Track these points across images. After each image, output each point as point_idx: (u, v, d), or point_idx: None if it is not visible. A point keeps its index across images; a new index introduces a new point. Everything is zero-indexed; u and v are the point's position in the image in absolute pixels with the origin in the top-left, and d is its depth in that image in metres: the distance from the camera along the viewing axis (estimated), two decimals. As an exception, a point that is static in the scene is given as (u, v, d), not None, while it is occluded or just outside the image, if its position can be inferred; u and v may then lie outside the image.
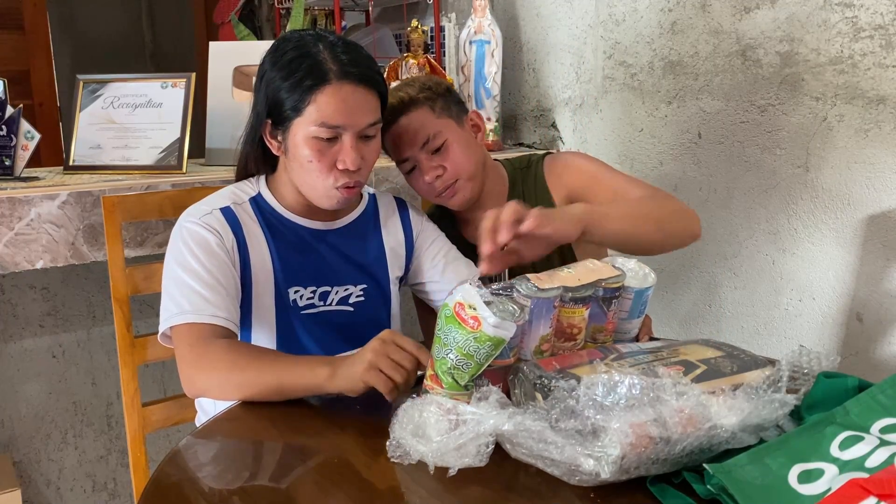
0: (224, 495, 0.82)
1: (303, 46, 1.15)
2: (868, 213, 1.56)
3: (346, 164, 1.14)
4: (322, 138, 1.13)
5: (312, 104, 1.12)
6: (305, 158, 1.14)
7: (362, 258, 1.29)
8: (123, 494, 1.88)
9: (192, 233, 1.16)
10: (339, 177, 1.16)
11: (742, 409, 0.78)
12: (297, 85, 1.12)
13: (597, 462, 0.73)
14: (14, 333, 1.71)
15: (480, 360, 0.87)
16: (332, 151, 1.14)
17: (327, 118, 1.12)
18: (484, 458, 0.80)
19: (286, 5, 2.97)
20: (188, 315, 1.10)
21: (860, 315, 1.60)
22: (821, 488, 0.71)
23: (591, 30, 2.08)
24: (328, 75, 1.12)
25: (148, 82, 1.73)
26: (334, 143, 1.14)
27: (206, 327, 1.09)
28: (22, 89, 3.54)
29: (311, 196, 1.20)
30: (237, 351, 1.07)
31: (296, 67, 1.13)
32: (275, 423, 0.99)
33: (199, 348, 1.07)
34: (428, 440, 0.82)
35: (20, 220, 1.42)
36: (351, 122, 1.13)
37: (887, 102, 1.50)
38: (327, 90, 1.12)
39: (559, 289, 0.95)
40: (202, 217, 1.17)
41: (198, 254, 1.14)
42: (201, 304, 1.10)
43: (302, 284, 1.22)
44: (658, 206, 1.28)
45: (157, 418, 1.40)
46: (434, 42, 2.51)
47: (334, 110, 1.12)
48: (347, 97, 1.12)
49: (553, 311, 0.95)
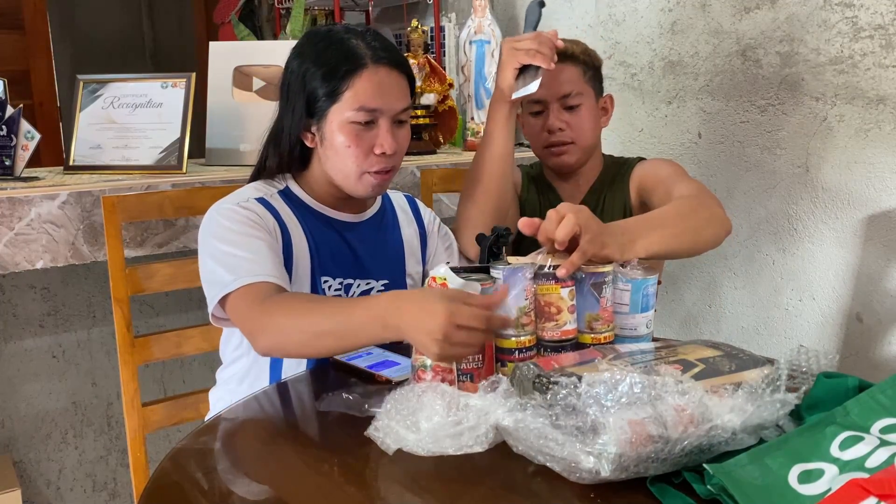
0: (224, 495, 0.82)
1: (333, 37, 1.17)
2: (868, 213, 1.56)
3: (383, 148, 1.16)
4: (359, 123, 1.15)
5: (349, 89, 1.14)
6: (343, 144, 1.15)
7: (385, 252, 1.30)
8: (123, 494, 1.88)
9: (232, 212, 1.14)
10: (375, 162, 1.17)
11: (744, 410, 0.78)
12: (333, 72, 1.14)
13: (596, 459, 0.73)
14: (14, 333, 1.71)
15: None
16: (368, 136, 1.16)
17: (365, 101, 1.14)
18: (483, 445, 0.80)
19: (286, 5, 2.97)
20: (242, 279, 1.06)
21: (860, 315, 1.60)
22: (821, 488, 0.71)
23: (591, 30, 2.08)
24: (364, 59, 1.14)
25: (148, 82, 1.73)
26: (371, 128, 1.16)
27: (261, 286, 1.06)
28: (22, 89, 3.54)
29: (345, 184, 1.20)
30: (296, 298, 1.07)
31: (330, 56, 1.15)
32: (275, 423, 0.99)
33: (258, 306, 1.03)
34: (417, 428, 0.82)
35: (20, 220, 1.42)
36: (387, 105, 1.16)
37: (887, 102, 1.50)
38: (364, 74, 1.14)
39: (529, 262, 1.01)
40: (239, 203, 1.16)
41: (239, 229, 1.12)
42: (251, 267, 1.08)
43: (331, 275, 1.23)
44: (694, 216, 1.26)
45: (157, 418, 1.40)
46: (434, 42, 2.51)
47: (372, 94, 1.14)
48: (383, 80, 1.15)
49: (525, 283, 1.00)
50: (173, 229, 1.54)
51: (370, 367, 1.10)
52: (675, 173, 1.42)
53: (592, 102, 1.47)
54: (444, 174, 1.75)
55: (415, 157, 2.00)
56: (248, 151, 1.81)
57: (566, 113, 1.44)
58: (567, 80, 1.43)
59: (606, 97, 1.52)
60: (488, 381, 0.86)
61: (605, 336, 1.04)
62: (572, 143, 1.44)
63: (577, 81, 1.44)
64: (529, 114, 1.47)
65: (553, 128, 1.43)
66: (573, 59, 1.45)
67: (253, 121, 1.81)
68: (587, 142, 1.46)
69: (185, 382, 1.93)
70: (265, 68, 1.82)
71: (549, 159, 1.48)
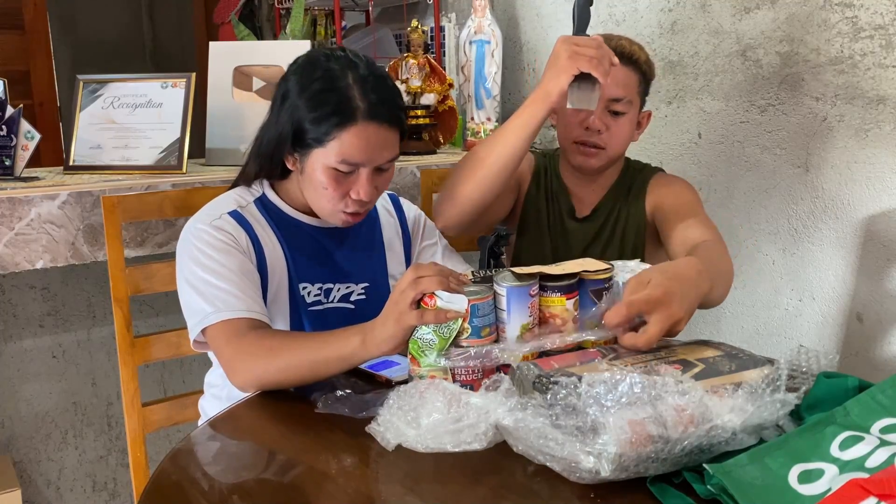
0: (224, 495, 0.82)
1: (331, 77, 1.14)
2: (868, 213, 1.56)
3: (359, 196, 1.16)
4: (340, 171, 1.15)
5: (336, 140, 1.12)
6: (321, 185, 1.16)
7: (364, 254, 1.30)
8: (123, 494, 1.88)
9: (206, 235, 1.16)
10: (350, 204, 1.18)
11: (744, 410, 0.78)
12: (324, 119, 1.12)
13: (596, 459, 0.73)
14: (14, 333, 1.71)
15: (444, 334, 0.94)
16: (347, 182, 1.16)
17: (349, 156, 1.13)
18: (483, 443, 0.80)
19: (286, 5, 2.97)
20: (221, 313, 1.10)
21: (860, 315, 1.60)
22: (821, 488, 0.71)
23: (591, 30, 2.07)
24: (355, 114, 1.12)
25: (148, 82, 1.73)
26: (351, 174, 1.16)
27: (240, 322, 1.09)
28: (22, 89, 3.54)
29: (318, 213, 1.22)
30: (271, 337, 1.08)
31: (323, 101, 1.13)
32: (275, 423, 0.99)
33: (235, 342, 1.07)
34: (418, 424, 0.82)
35: (20, 220, 1.42)
36: (371, 160, 1.15)
37: (887, 102, 1.50)
38: (353, 130, 1.12)
39: (535, 277, 0.98)
40: (212, 221, 1.17)
41: (214, 255, 1.14)
42: (231, 300, 1.11)
43: (310, 281, 1.24)
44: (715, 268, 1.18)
45: (157, 418, 1.40)
46: (434, 42, 2.51)
47: (357, 149, 1.13)
48: (371, 137, 1.13)
49: (530, 300, 0.98)
50: (173, 229, 1.54)
51: (370, 368, 1.10)
52: (692, 207, 1.38)
53: (635, 114, 1.44)
54: (443, 174, 1.75)
55: (415, 157, 2.00)
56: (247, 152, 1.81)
57: (606, 117, 1.40)
58: (623, 83, 1.39)
59: (645, 113, 1.49)
60: (490, 380, 0.86)
61: (605, 340, 1.04)
62: (604, 148, 1.41)
63: (631, 89, 1.40)
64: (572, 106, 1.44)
65: (594, 127, 1.39)
66: (636, 64, 1.41)
67: (253, 121, 1.80)
68: (618, 151, 1.44)
69: (185, 382, 1.93)
70: (265, 68, 1.82)
71: (576, 156, 1.45)
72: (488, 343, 0.97)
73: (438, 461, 0.82)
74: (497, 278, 0.98)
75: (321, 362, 1.03)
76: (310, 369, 1.03)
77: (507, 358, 0.94)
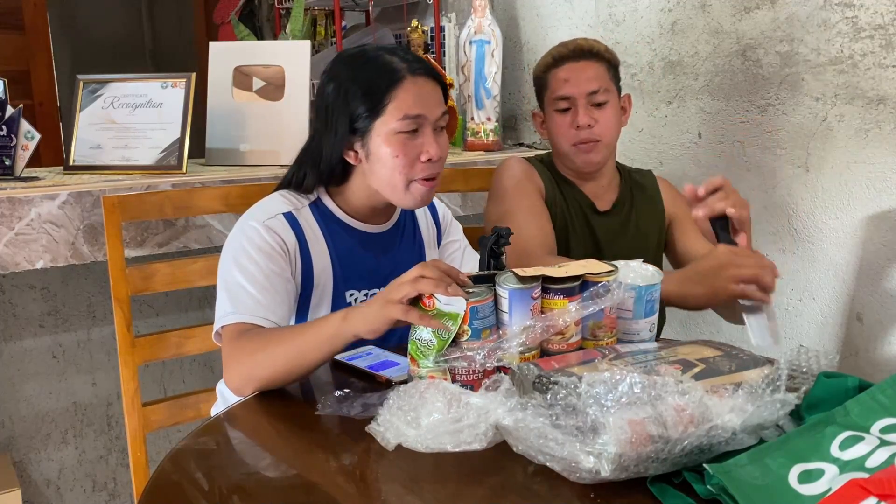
0: (224, 495, 0.82)
1: (368, 58, 1.20)
2: (868, 213, 1.56)
3: (430, 154, 1.19)
4: (405, 132, 1.17)
5: (392, 102, 1.17)
6: (390, 155, 1.18)
7: (408, 259, 1.32)
8: (123, 494, 1.88)
9: (255, 235, 1.18)
10: (421, 169, 1.20)
11: (744, 410, 0.78)
12: (374, 88, 1.17)
13: (596, 459, 0.73)
14: (14, 333, 1.71)
15: (442, 335, 0.94)
16: (413, 145, 1.19)
17: (408, 110, 1.17)
18: (482, 443, 0.80)
19: (286, 5, 2.97)
20: (238, 315, 1.12)
21: (860, 315, 1.60)
22: (821, 488, 0.71)
23: (591, 30, 2.08)
24: (401, 72, 1.18)
25: (148, 82, 1.73)
26: (415, 137, 1.19)
27: (247, 327, 1.11)
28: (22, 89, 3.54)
29: (394, 196, 1.22)
30: (260, 334, 1.09)
31: (368, 74, 1.18)
32: (275, 423, 0.99)
33: (234, 343, 1.09)
34: (418, 424, 0.82)
35: (20, 220, 1.42)
36: (429, 111, 1.19)
37: (887, 102, 1.50)
38: (404, 85, 1.17)
39: (538, 280, 0.98)
40: (267, 220, 1.19)
41: (256, 257, 1.16)
42: (251, 304, 1.12)
43: (357, 287, 1.26)
44: None
45: (157, 418, 1.40)
46: (434, 42, 2.51)
47: (413, 102, 1.17)
48: (422, 89, 1.19)
49: (532, 303, 0.98)
50: (173, 229, 1.54)
51: (370, 368, 1.10)
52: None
53: (616, 100, 1.49)
54: (444, 174, 1.74)
55: (415, 157, 2.00)
56: (247, 151, 1.81)
57: (593, 110, 1.45)
58: (595, 76, 1.45)
59: (625, 97, 1.54)
60: (490, 380, 0.86)
61: (607, 342, 1.04)
62: (599, 140, 1.46)
63: (604, 78, 1.46)
64: (556, 111, 1.48)
65: (583, 124, 1.44)
66: (598, 56, 1.47)
67: (253, 121, 1.81)
68: (612, 138, 1.49)
69: (185, 382, 1.93)
70: (265, 68, 1.82)
71: (578, 157, 1.48)
72: (488, 344, 0.96)
73: (438, 461, 0.82)
74: (499, 280, 0.97)
75: (304, 349, 1.03)
76: (297, 356, 1.03)
77: (507, 359, 0.94)
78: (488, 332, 0.97)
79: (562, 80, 1.46)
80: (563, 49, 1.49)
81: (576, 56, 1.46)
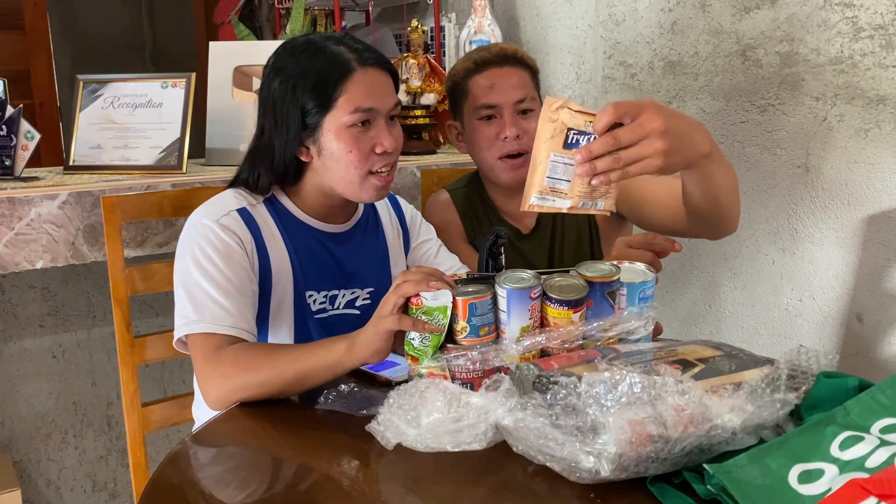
0: (224, 495, 0.82)
1: (314, 46, 1.16)
2: (868, 213, 1.56)
3: (384, 146, 1.16)
4: (357, 125, 1.14)
5: (342, 95, 1.13)
6: (344, 150, 1.15)
7: (369, 259, 1.30)
8: (123, 494, 1.88)
9: (210, 233, 1.13)
10: (377, 161, 1.17)
11: (744, 410, 0.78)
12: (324, 82, 1.13)
13: (596, 459, 0.73)
14: (14, 333, 1.71)
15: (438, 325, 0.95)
16: (367, 137, 1.16)
17: (360, 102, 1.14)
18: (482, 443, 0.80)
19: (286, 5, 2.97)
20: (205, 324, 1.07)
21: (860, 315, 1.60)
22: (821, 488, 0.71)
23: (591, 30, 2.08)
24: (351, 63, 1.14)
25: (148, 82, 1.73)
26: (367, 129, 1.16)
27: (221, 338, 1.07)
28: (22, 89, 3.53)
29: (350, 191, 1.19)
30: (249, 351, 1.06)
31: (317, 66, 1.14)
32: (274, 424, 0.99)
33: (212, 360, 1.05)
34: (418, 423, 0.82)
35: (20, 220, 1.42)
36: (381, 103, 1.16)
37: (887, 102, 1.50)
38: (354, 78, 1.14)
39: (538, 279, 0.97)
40: (220, 218, 1.14)
41: (214, 258, 1.11)
42: (219, 313, 1.08)
43: (316, 288, 1.22)
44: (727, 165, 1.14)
45: (157, 418, 1.40)
46: (434, 42, 2.51)
47: (365, 94, 1.14)
48: (373, 80, 1.15)
49: (531, 303, 0.97)
50: (173, 229, 1.54)
51: (370, 368, 1.10)
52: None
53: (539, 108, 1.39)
54: (444, 174, 1.75)
55: (415, 156, 2.00)
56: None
57: (520, 119, 1.37)
58: (519, 84, 1.37)
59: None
60: (490, 380, 0.86)
61: (609, 341, 1.04)
62: (527, 152, 1.34)
63: (529, 86, 1.39)
64: (478, 119, 1.39)
65: (511, 134, 1.35)
66: (522, 62, 1.39)
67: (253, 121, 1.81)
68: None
69: (185, 382, 1.93)
70: (265, 68, 1.82)
71: (504, 173, 1.39)
72: (487, 342, 0.96)
73: (438, 461, 0.82)
74: (499, 279, 0.97)
75: (306, 373, 1.01)
76: (294, 382, 1.02)
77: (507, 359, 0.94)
78: (486, 330, 0.97)
79: (486, 87, 1.37)
80: (486, 53, 1.39)
81: (500, 61, 1.37)
